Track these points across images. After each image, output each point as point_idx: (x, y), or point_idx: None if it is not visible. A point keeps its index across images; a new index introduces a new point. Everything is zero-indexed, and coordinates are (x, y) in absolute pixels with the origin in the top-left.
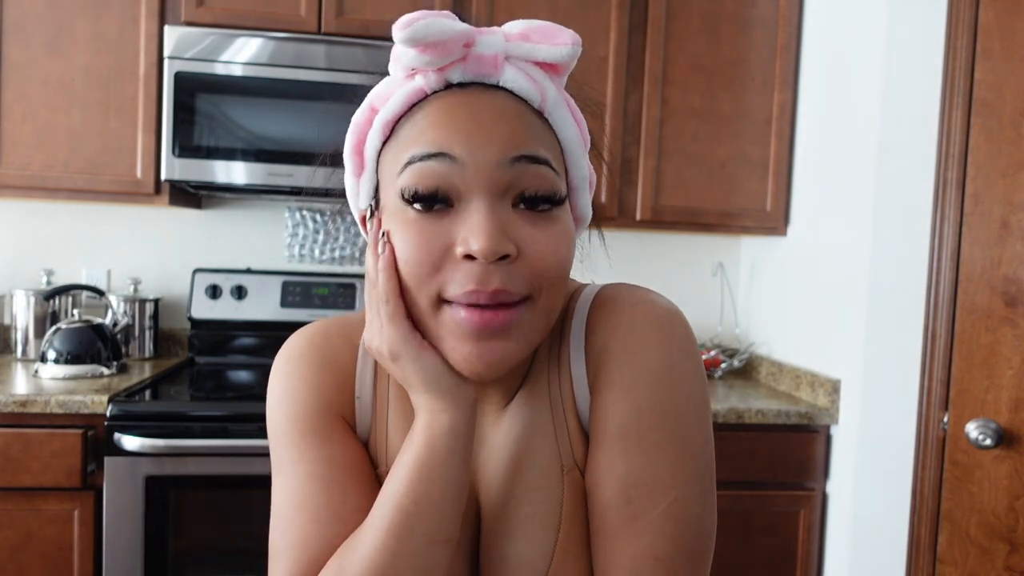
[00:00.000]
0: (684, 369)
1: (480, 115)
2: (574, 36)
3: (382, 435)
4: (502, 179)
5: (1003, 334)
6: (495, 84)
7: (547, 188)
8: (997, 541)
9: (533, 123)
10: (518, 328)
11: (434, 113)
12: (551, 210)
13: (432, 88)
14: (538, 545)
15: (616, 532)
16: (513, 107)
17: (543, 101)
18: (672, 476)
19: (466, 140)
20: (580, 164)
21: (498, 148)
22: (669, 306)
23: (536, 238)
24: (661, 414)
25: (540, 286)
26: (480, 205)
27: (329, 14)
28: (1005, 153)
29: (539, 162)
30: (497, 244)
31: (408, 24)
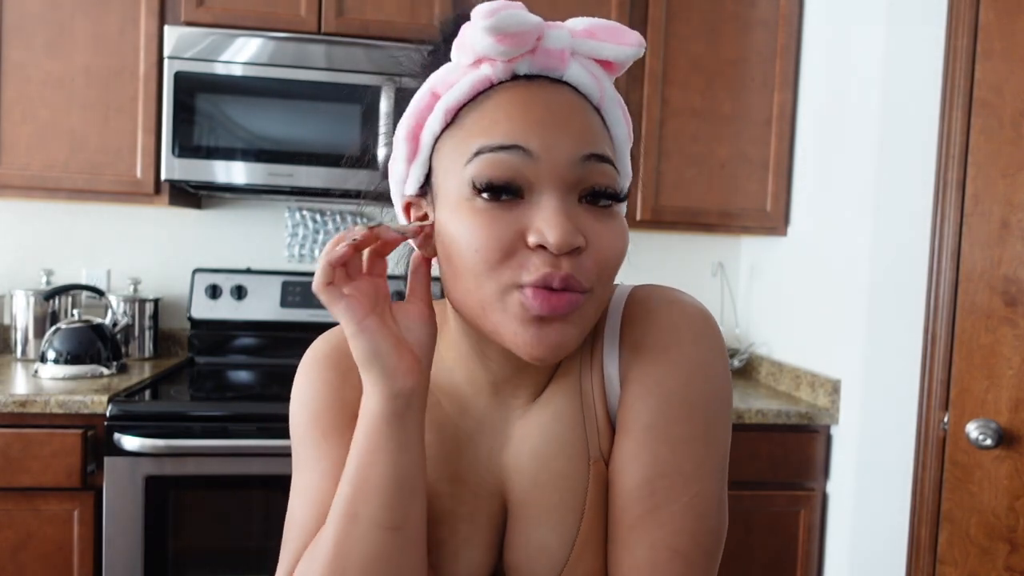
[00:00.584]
0: (714, 368)
1: (554, 110)
2: (639, 37)
3: None
4: (573, 175)
5: (1003, 334)
6: (559, 79)
7: (613, 185)
8: (997, 541)
9: (596, 120)
10: (579, 315)
11: (506, 104)
12: (612, 206)
13: (499, 78)
14: (561, 532)
15: (636, 521)
16: (580, 103)
17: (601, 98)
18: (696, 470)
19: (541, 135)
20: (626, 163)
21: (571, 145)
22: (701, 307)
23: (600, 232)
24: (690, 409)
25: (601, 278)
26: (552, 198)
27: (329, 14)
28: (1005, 153)
29: (606, 160)
30: (571, 236)
31: (492, 13)
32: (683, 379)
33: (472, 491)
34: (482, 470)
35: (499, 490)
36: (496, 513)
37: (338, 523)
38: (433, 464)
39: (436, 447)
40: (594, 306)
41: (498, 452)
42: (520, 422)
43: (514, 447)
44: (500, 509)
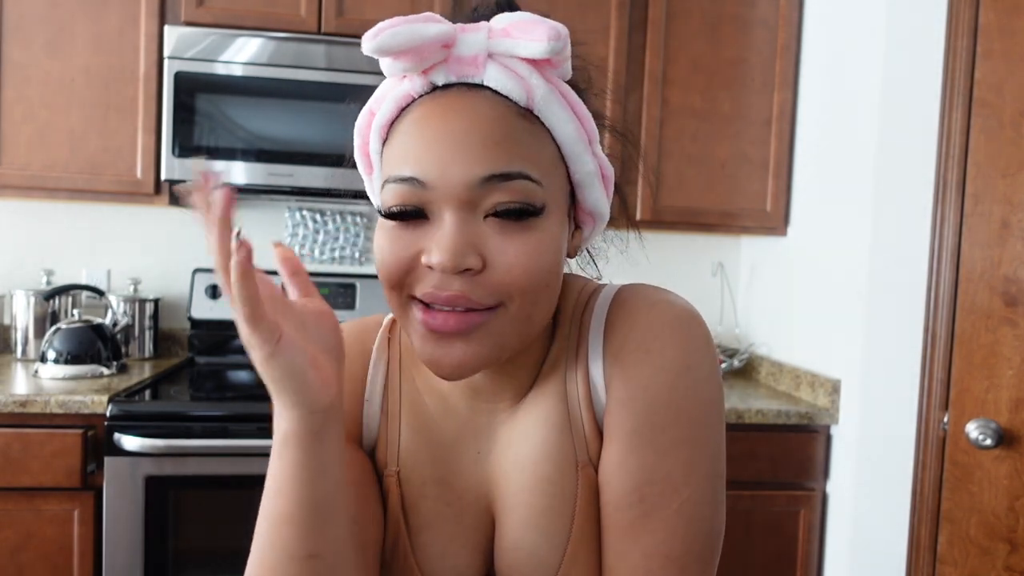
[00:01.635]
0: (701, 369)
1: (451, 128)
2: (552, 30)
3: (393, 437)
4: (472, 197)
5: (1003, 334)
6: (480, 84)
7: (518, 200)
8: (997, 541)
9: (515, 127)
10: (484, 333)
11: (411, 127)
12: (527, 220)
13: (418, 92)
14: (551, 538)
15: (628, 529)
16: (492, 113)
17: (530, 100)
18: (685, 475)
19: (435, 161)
20: (583, 160)
21: (466, 169)
22: (687, 306)
23: (505, 249)
24: (676, 413)
25: (510, 295)
26: (448, 220)
27: (329, 14)
28: (1005, 153)
29: (512, 178)
30: (457, 259)
31: (375, 35)
32: (668, 383)
33: (458, 494)
34: (468, 473)
35: (486, 493)
36: (483, 516)
37: (254, 554)
38: (419, 466)
39: (423, 449)
40: (512, 322)
41: (485, 455)
42: (506, 425)
43: (500, 451)
44: (487, 512)
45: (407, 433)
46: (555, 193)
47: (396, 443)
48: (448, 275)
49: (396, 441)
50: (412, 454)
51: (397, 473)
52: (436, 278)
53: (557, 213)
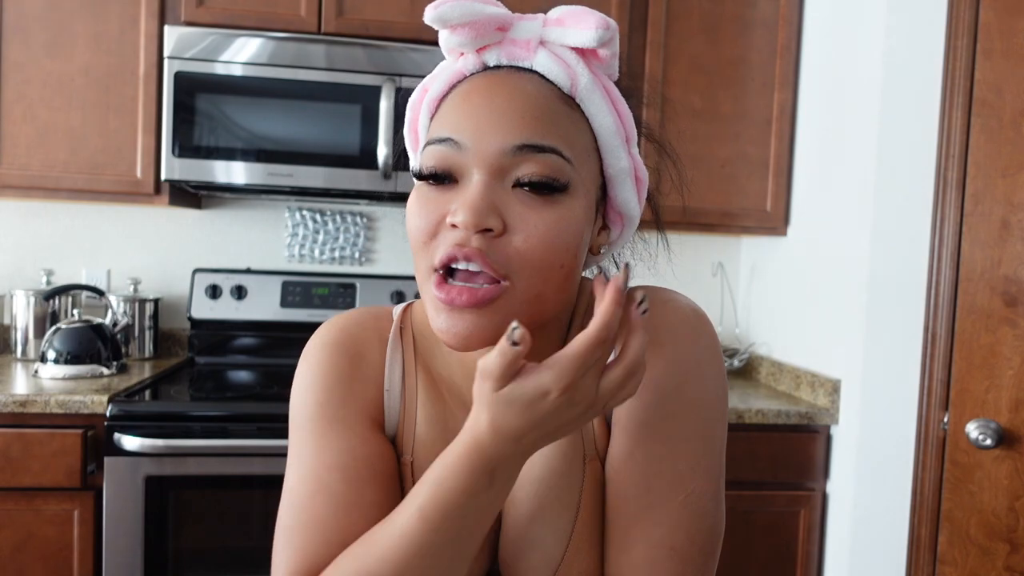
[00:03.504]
0: (709, 367)
1: (495, 100)
2: (601, 20)
3: (410, 427)
4: (503, 164)
5: (1003, 334)
6: (529, 68)
7: (546, 174)
8: (997, 541)
9: (555, 110)
10: (493, 309)
11: (458, 97)
12: (553, 195)
13: (470, 70)
14: (556, 530)
15: (633, 520)
16: (535, 92)
17: (574, 87)
18: (691, 469)
19: (473, 127)
20: (618, 155)
21: (502, 136)
22: (696, 307)
23: (527, 218)
24: (685, 407)
25: (522, 267)
26: (476, 181)
27: (329, 14)
28: (1005, 153)
29: (544, 151)
30: (479, 216)
31: (437, 5)
32: (678, 377)
33: None
34: None
35: None
36: None
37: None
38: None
39: (438, 439)
40: (520, 302)
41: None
42: None
43: None
44: None
45: (423, 423)
46: (584, 178)
47: (412, 434)
48: (469, 233)
49: (412, 432)
50: (426, 443)
51: (411, 463)
52: (458, 236)
53: (584, 198)
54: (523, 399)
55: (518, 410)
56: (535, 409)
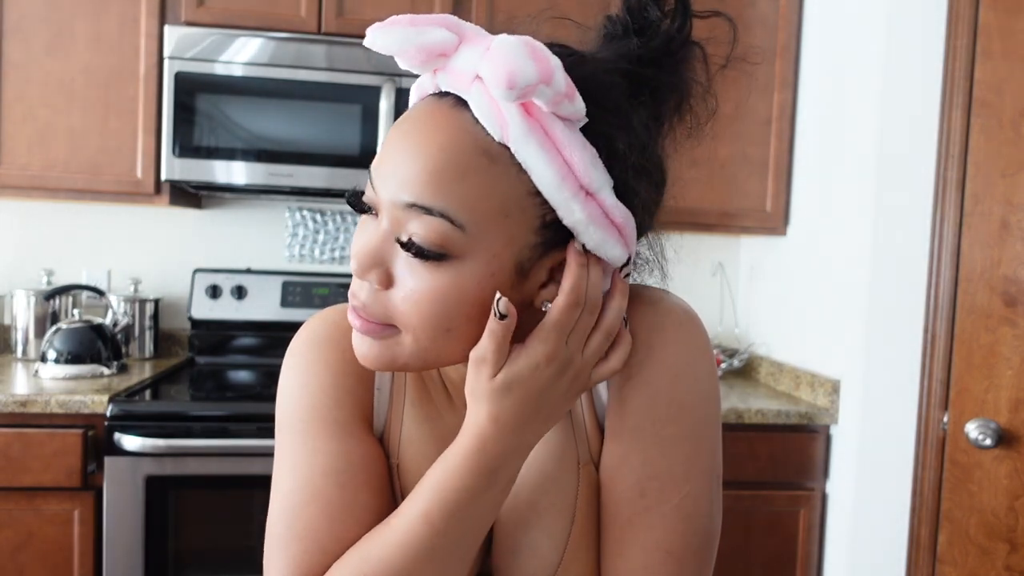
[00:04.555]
0: (701, 368)
1: (407, 145)
2: (509, 76)
3: (396, 426)
4: (396, 215)
5: (1003, 334)
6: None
7: (427, 240)
8: (997, 541)
9: (466, 164)
10: (384, 345)
11: (399, 123)
12: (436, 261)
13: (427, 90)
14: (552, 535)
15: (628, 524)
16: (452, 139)
17: (504, 135)
18: (686, 471)
19: (382, 171)
20: (569, 207)
21: (396, 188)
22: (687, 307)
23: (407, 279)
24: (678, 410)
25: (404, 324)
26: (378, 228)
27: (329, 14)
28: (1005, 153)
29: (431, 213)
30: (360, 270)
31: (372, 30)
32: (669, 379)
33: None
34: None
35: None
36: None
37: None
38: (420, 458)
39: (425, 441)
40: (410, 348)
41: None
42: None
43: None
44: None
45: (409, 424)
46: (493, 241)
47: (399, 434)
48: (359, 280)
49: (399, 433)
50: (413, 446)
51: (397, 465)
52: (355, 281)
53: (487, 261)
54: (520, 379)
55: (519, 394)
56: (531, 387)
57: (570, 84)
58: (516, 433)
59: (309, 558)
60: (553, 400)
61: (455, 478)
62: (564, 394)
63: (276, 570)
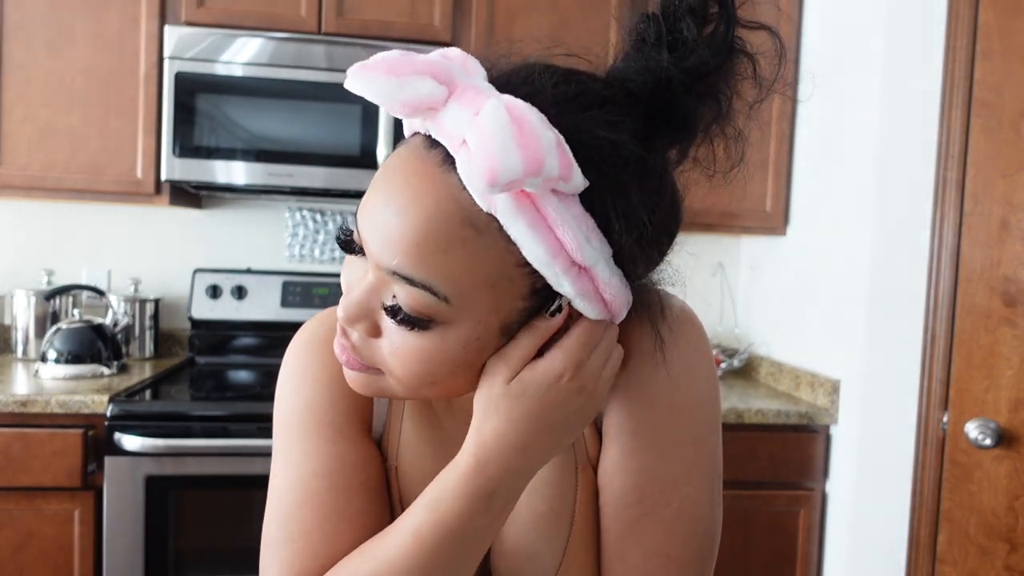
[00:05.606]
0: (699, 368)
1: (395, 207)
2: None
3: (396, 429)
4: (382, 276)
5: (1003, 334)
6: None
7: (410, 309)
8: (997, 541)
9: (451, 236)
10: (372, 379)
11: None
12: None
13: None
14: (550, 540)
15: (628, 529)
16: (440, 207)
17: (491, 207)
18: (685, 474)
19: (370, 227)
20: (560, 282)
21: (382, 252)
22: (684, 307)
23: (394, 336)
24: (676, 413)
25: (390, 372)
26: (366, 280)
27: (329, 14)
28: (1005, 153)
29: (414, 284)
30: (349, 322)
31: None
32: (667, 382)
33: None
34: None
35: None
36: None
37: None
38: (419, 461)
39: (424, 444)
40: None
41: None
42: None
43: None
44: None
45: (409, 427)
46: (477, 310)
47: (398, 438)
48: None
49: (398, 436)
50: (412, 449)
51: (396, 468)
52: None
53: (472, 327)
54: (535, 389)
55: (529, 406)
56: (546, 402)
57: (566, 161)
58: (520, 453)
59: (301, 561)
60: (566, 421)
61: (449, 499)
62: (577, 416)
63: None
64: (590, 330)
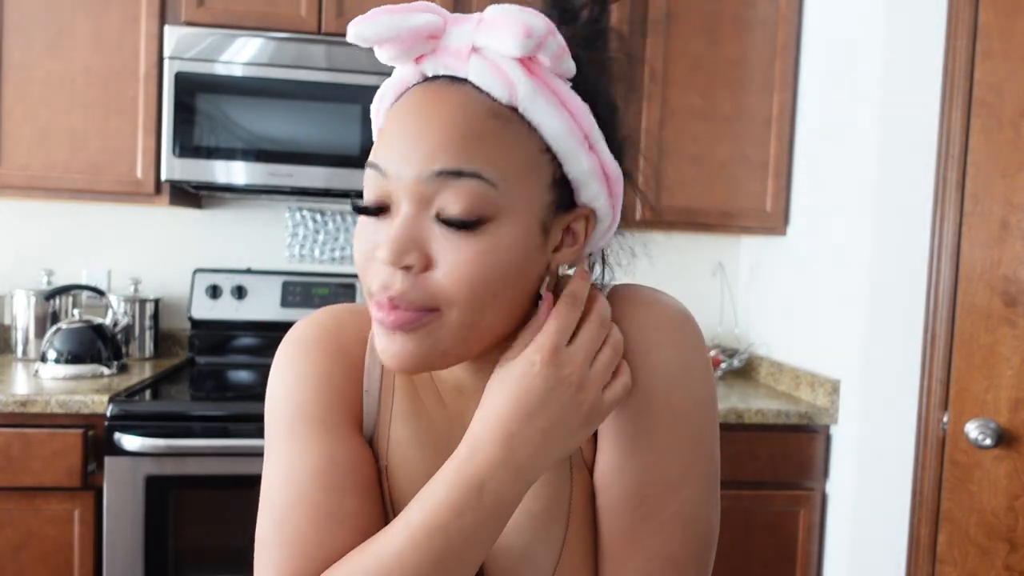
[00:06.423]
0: (696, 369)
1: (417, 122)
2: (524, 26)
3: (385, 428)
4: (424, 192)
5: (1003, 334)
6: (464, 78)
7: (464, 207)
8: (997, 541)
9: (482, 128)
10: (423, 333)
11: (393, 114)
12: (475, 228)
13: (410, 81)
14: (546, 542)
15: (628, 533)
16: (461, 110)
17: (512, 96)
18: (683, 476)
19: (395, 154)
20: (576, 158)
21: (420, 163)
22: (681, 307)
23: (448, 255)
24: (674, 414)
25: (448, 302)
26: (400, 214)
27: (329, 14)
28: (1005, 153)
29: (463, 175)
30: (398, 255)
31: (356, 23)
32: (665, 384)
33: None
34: None
35: None
36: None
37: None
38: (410, 460)
39: (415, 443)
40: (452, 329)
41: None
42: None
43: None
44: None
45: (399, 425)
46: (520, 199)
47: (387, 437)
48: (392, 272)
49: (387, 435)
50: (403, 447)
51: (386, 467)
52: (383, 276)
53: (518, 222)
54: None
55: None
56: (522, 384)
57: (562, 41)
58: (503, 445)
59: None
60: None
61: (438, 490)
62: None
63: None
64: (561, 313)
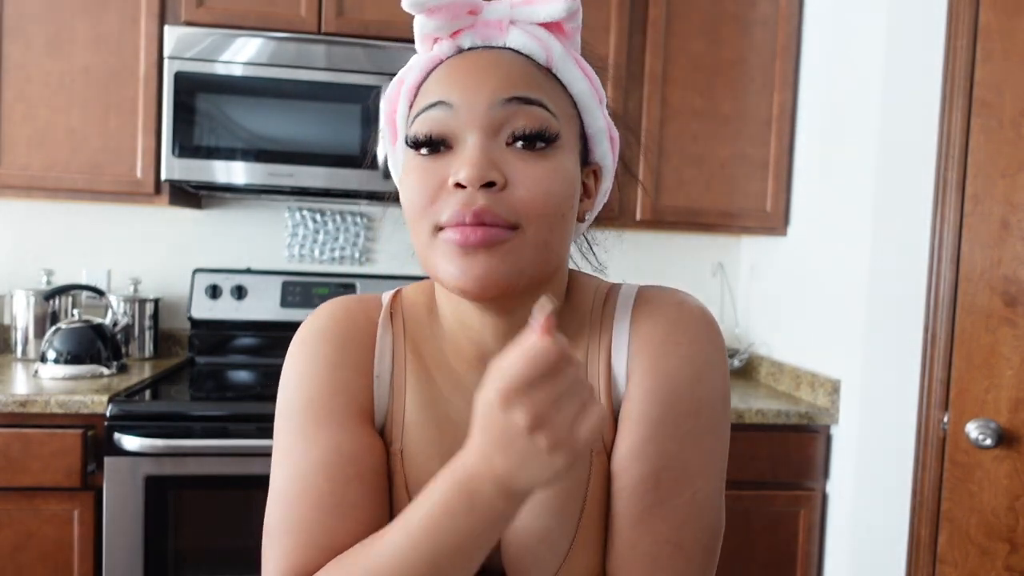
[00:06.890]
0: (720, 366)
1: (479, 65)
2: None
3: (399, 413)
4: (495, 119)
5: (1003, 334)
6: (502, 46)
7: (537, 125)
8: (997, 541)
9: (535, 74)
10: (505, 250)
11: (441, 72)
12: (545, 148)
13: (446, 54)
14: (562, 522)
15: (640, 516)
16: (514, 60)
17: (549, 58)
18: (700, 466)
19: (461, 87)
20: (596, 115)
21: (490, 91)
22: (705, 308)
23: (525, 172)
24: (698, 405)
25: (528, 216)
26: (472, 141)
27: (329, 14)
28: (1005, 153)
29: (532, 103)
30: (482, 171)
31: None
32: (692, 375)
33: None
34: None
35: None
36: None
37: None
38: (425, 443)
39: (430, 426)
40: (529, 246)
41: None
42: None
43: None
44: None
45: (413, 409)
46: (569, 136)
47: (402, 422)
48: (473, 191)
49: (401, 420)
50: (418, 430)
51: (401, 451)
52: (462, 197)
53: (571, 151)
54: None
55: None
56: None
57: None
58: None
59: (302, 552)
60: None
61: (435, 490)
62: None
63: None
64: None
